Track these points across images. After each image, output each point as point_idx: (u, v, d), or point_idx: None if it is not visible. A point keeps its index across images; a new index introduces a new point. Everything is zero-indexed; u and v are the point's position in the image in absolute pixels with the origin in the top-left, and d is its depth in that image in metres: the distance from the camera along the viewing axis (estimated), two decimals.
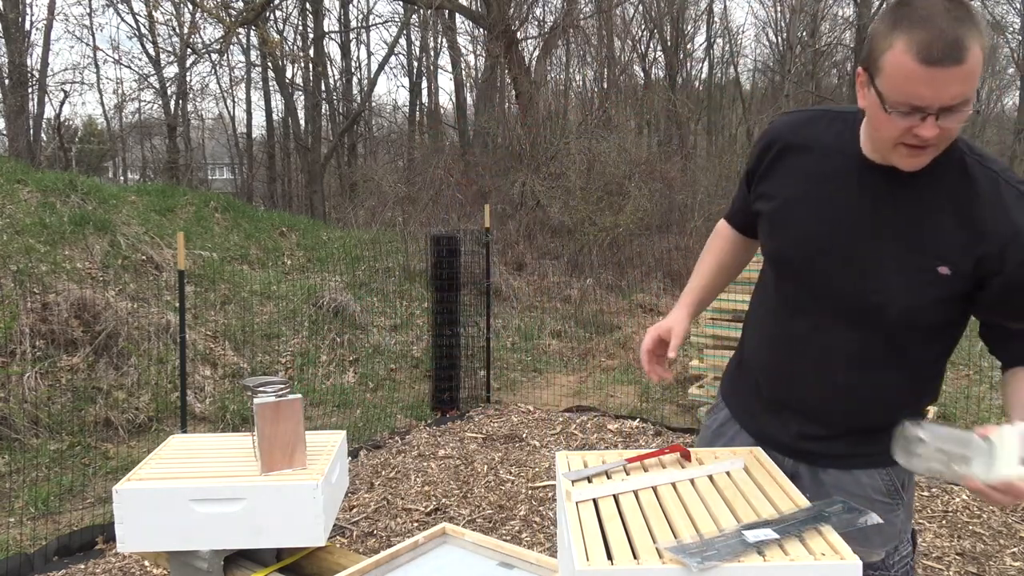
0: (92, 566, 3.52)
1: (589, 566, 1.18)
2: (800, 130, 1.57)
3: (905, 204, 1.43)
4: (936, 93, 1.27)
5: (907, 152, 1.36)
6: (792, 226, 1.55)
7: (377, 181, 12.84)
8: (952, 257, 1.40)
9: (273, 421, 1.92)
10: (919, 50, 1.25)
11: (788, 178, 1.57)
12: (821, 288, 1.52)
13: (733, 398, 1.78)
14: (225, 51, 16.07)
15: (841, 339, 1.52)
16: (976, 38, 1.26)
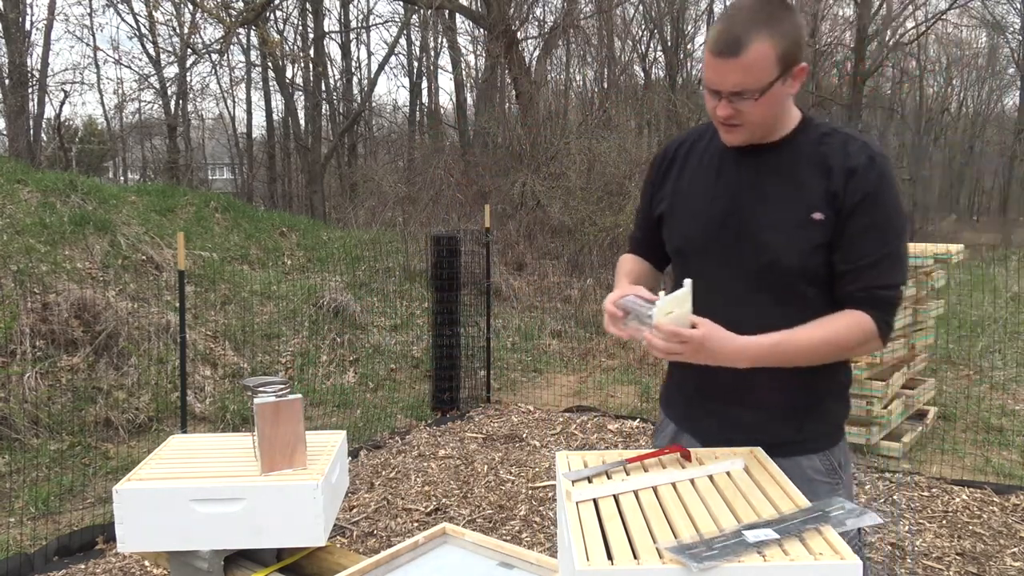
0: (92, 566, 3.52)
1: (589, 566, 1.18)
2: (685, 138, 1.82)
3: (776, 171, 1.64)
4: (720, 79, 1.54)
5: (723, 129, 1.63)
6: (686, 211, 1.74)
7: (377, 181, 12.83)
8: (819, 204, 1.59)
9: (273, 421, 1.92)
10: (710, 42, 1.53)
11: (678, 177, 1.78)
12: (722, 260, 1.67)
13: (671, 410, 1.90)
14: (225, 51, 16.07)
15: (748, 305, 1.64)
16: (764, 37, 1.50)
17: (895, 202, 1.61)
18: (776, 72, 1.52)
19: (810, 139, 1.64)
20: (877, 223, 1.58)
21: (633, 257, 1.91)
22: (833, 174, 1.59)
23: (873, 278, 1.58)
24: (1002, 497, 4.21)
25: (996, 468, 4.75)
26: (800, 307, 1.61)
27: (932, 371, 6.59)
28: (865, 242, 1.58)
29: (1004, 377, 6.61)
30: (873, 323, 1.58)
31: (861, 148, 1.60)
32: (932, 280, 5.45)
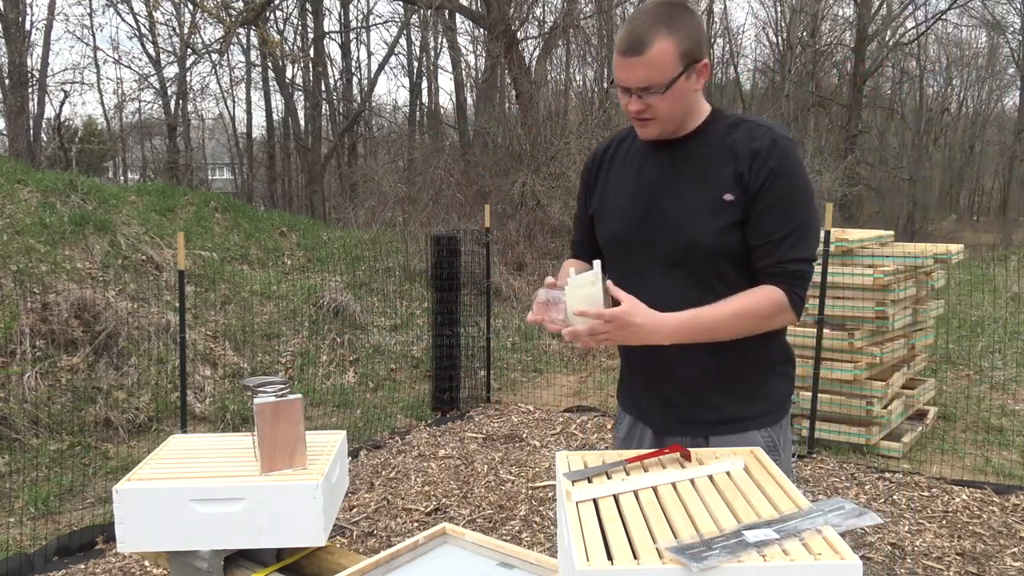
0: (92, 566, 3.52)
1: (589, 566, 1.18)
2: (611, 143, 1.93)
3: (689, 160, 1.75)
4: (628, 76, 1.66)
5: (637, 124, 1.75)
6: (613, 206, 1.86)
7: (377, 181, 12.81)
8: (730, 186, 1.69)
9: (273, 421, 1.92)
10: (618, 44, 1.66)
11: (606, 179, 1.90)
12: (646, 250, 1.78)
13: (627, 400, 1.98)
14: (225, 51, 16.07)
15: (673, 290, 1.73)
16: (665, 36, 1.62)
17: (800, 180, 1.70)
18: (679, 68, 1.64)
19: (719, 129, 1.75)
20: (783, 200, 1.68)
21: (574, 261, 1.98)
22: (739, 158, 1.70)
23: (782, 253, 1.68)
24: (1002, 497, 4.21)
25: (996, 468, 4.75)
26: (722, 287, 1.72)
27: (932, 371, 6.59)
28: (772, 219, 1.68)
29: (1004, 377, 6.61)
30: (784, 295, 1.68)
31: (765, 132, 1.71)
32: (932, 280, 5.45)
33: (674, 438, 1.79)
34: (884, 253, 5.21)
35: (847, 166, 17.52)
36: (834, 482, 4.49)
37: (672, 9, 1.66)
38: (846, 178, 16.79)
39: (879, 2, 22.21)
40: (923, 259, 5.26)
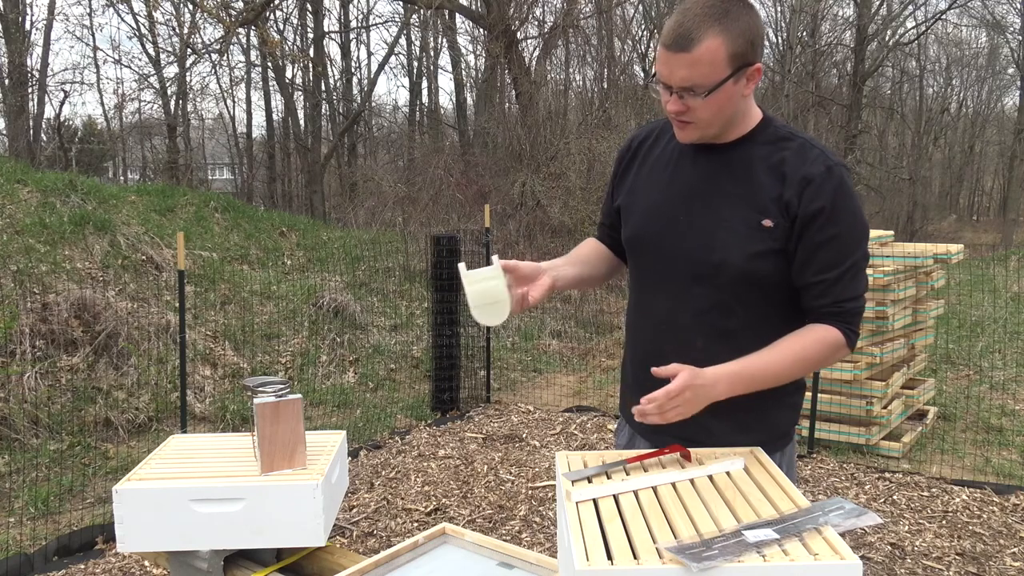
0: (92, 566, 3.52)
1: (589, 566, 1.18)
2: (649, 133, 1.82)
3: (730, 171, 1.63)
4: (669, 73, 1.52)
5: (676, 125, 1.62)
6: (641, 205, 1.75)
7: (377, 181, 12.82)
8: (771, 210, 1.58)
9: (273, 421, 1.92)
10: (663, 35, 1.52)
11: (637, 172, 1.79)
12: (670, 255, 1.68)
13: (625, 410, 1.90)
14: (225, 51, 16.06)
15: (697, 306, 1.66)
16: (716, 34, 1.48)
17: (855, 212, 1.59)
18: (727, 71, 1.50)
19: (768, 141, 1.63)
20: (839, 235, 1.57)
21: (594, 241, 1.94)
22: (788, 181, 1.57)
23: (839, 292, 1.58)
24: (1002, 497, 4.21)
25: (996, 468, 4.75)
26: (741, 311, 1.64)
27: (932, 371, 6.59)
28: (827, 255, 1.57)
29: (1004, 377, 6.61)
30: (841, 335, 1.59)
31: (819, 157, 1.58)
32: (932, 280, 5.45)
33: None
34: (884, 253, 5.21)
35: (847, 166, 17.52)
36: (834, 482, 4.49)
37: (730, 4, 1.50)
38: None
39: (879, 2, 22.21)
40: (923, 259, 5.26)
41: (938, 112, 26.79)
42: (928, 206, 26.34)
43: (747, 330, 1.64)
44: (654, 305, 1.74)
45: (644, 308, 1.77)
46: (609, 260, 1.92)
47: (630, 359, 1.85)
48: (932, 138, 26.48)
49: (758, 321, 1.64)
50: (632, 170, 1.80)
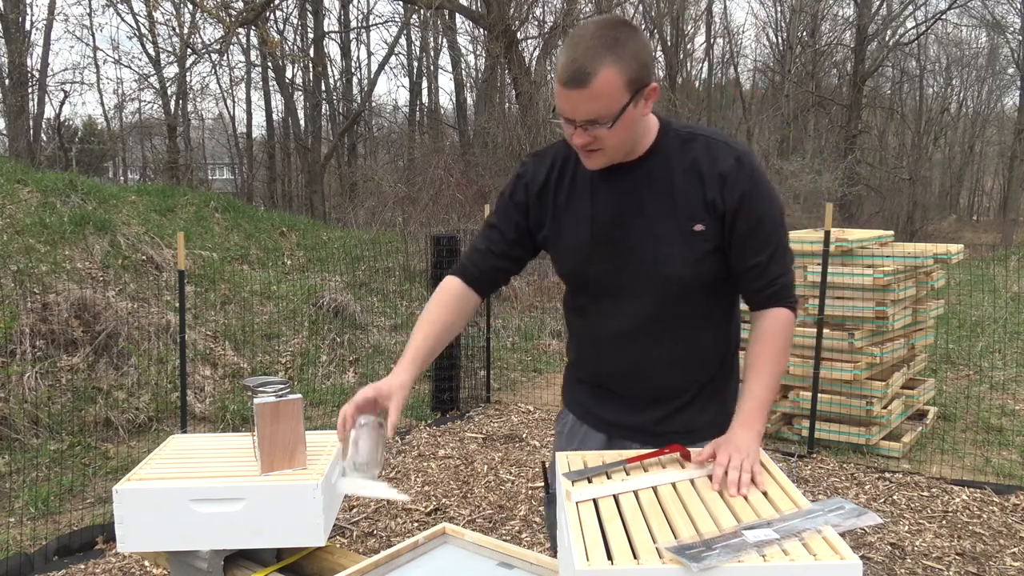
0: (92, 566, 3.52)
1: (589, 566, 1.18)
2: (552, 160, 1.77)
3: (648, 186, 1.67)
4: (572, 109, 1.53)
5: (584, 156, 1.63)
6: (571, 240, 1.74)
7: (377, 181, 12.82)
8: (699, 213, 1.63)
9: (273, 421, 1.92)
10: (559, 72, 1.52)
11: (555, 201, 1.76)
12: (618, 282, 1.72)
13: (578, 406, 1.96)
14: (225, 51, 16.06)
15: (650, 319, 1.72)
16: (611, 64, 1.48)
17: (771, 192, 1.67)
18: (626, 97, 1.52)
19: (674, 146, 1.67)
20: (763, 217, 1.64)
21: (452, 295, 1.82)
22: (706, 181, 1.63)
23: (773, 271, 1.66)
24: (1002, 497, 4.21)
25: (996, 468, 4.75)
26: (694, 312, 1.72)
27: (932, 371, 6.59)
28: (758, 238, 1.64)
29: (1004, 377, 6.61)
30: (786, 311, 1.67)
31: (725, 150, 1.64)
32: (932, 280, 5.45)
33: (625, 443, 1.81)
34: (884, 253, 5.21)
35: (847, 166, 17.53)
36: (834, 482, 4.49)
37: (616, 32, 1.52)
38: (846, 178, 16.81)
39: (879, 2, 22.21)
40: (923, 259, 5.27)
41: (938, 112, 26.80)
42: (928, 206, 26.34)
43: (698, 327, 1.75)
44: (606, 326, 1.78)
45: (596, 327, 1.81)
46: (467, 310, 1.84)
47: (594, 367, 1.87)
48: (932, 138, 26.49)
49: (706, 317, 1.75)
50: (548, 201, 1.77)
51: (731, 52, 24.05)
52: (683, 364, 1.77)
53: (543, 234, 1.79)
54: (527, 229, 1.80)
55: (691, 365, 1.78)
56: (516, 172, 1.82)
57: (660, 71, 19.63)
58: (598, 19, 1.59)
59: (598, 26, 1.52)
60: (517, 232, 1.80)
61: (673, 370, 1.77)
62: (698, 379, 1.79)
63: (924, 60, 25.76)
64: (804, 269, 5.15)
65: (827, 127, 21.54)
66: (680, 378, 1.78)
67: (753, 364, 1.64)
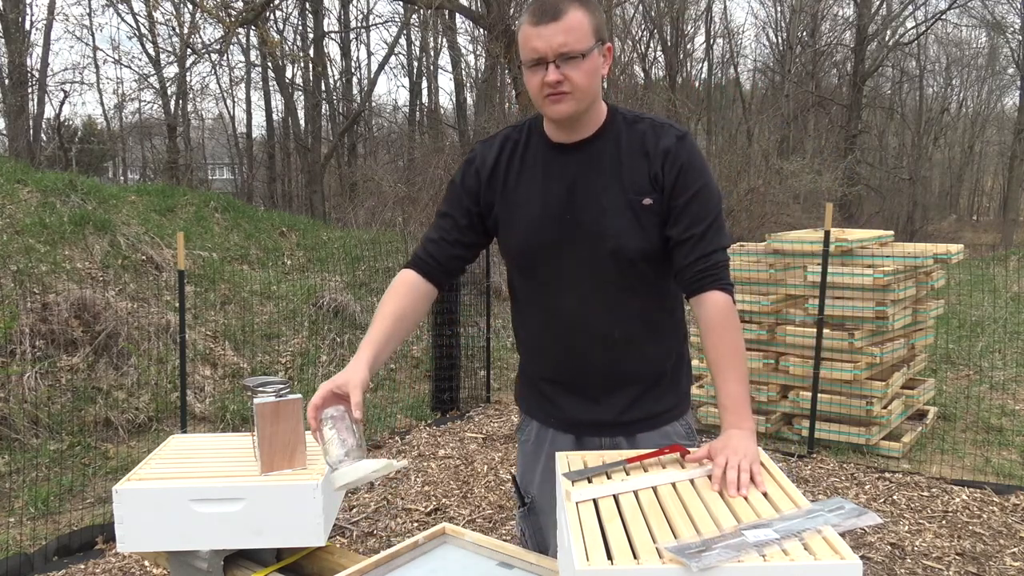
0: (92, 566, 3.52)
1: (589, 566, 1.18)
2: (502, 145, 1.83)
3: (599, 162, 1.73)
4: (545, 43, 1.61)
5: (551, 100, 1.66)
6: (525, 218, 1.78)
7: (377, 181, 12.82)
8: (647, 188, 1.70)
9: (273, 421, 1.92)
10: (529, 16, 1.63)
11: (504, 185, 1.80)
12: (568, 256, 1.75)
13: (538, 411, 1.95)
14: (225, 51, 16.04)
15: (604, 298, 1.76)
16: (579, 6, 1.62)
17: (709, 175, 1.73)
18: (593, 40, 1.64)
19: (623, 126, 1.75)
20: (698, 195, 1.69)
21: (406, 284, 1.82)
22: (651, 157, 1.71)
23: (706, 245, 1.68)
24: (1002, 497, 4.21)
25: (996, 468, 4.75)
26: (643, 288, 1.77)
27: (932, 371, 6.59)
28: (694, 209, 1.69)
29: (1004, 377, 6.61)
30: (722, 294, 1.68)
31: (669, 130, 1.73)
32: (932, 280, 5.45)
33: (594, 439, 1.86)
34: (884, 253, 5.21)
35: (847, 166, 17.52)
36: (834, 482, 4.49)
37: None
38: (846, 178, 16.80)
39: (879, 2, 22.22)
40: (923, 259, 5.27)
41: (938, 112, 26.80)
42: (928, 206, 26.36)
43: (650, 306, 1.80)
44: (561, 308, 1.80)
45: (550, 314, 1.82)
46: (421, 301, 1.84)
47: (547, 365, 1.89)
48: (932, 138, 26.49)
49: (657, 295, 1.80)
50: (497, 186, 1.81)
51: (731, 52, 24.06)
52: (637, 344, 1.80)
53: (493, 215, 1.83)
54: (478, 214, 1.83)
55: (645, 345, 1.81)
56: (466, 158, 1.86)
57: (660, 71, 19.64)
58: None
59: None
60: (468, 218, 1.83)
61: (628, 351, 1.80)
62: (652, 363, 1.84)
63: (924, 60, 25.77)
64: (804, 269, 5.15)
65: (827, 127, 21.54)
66: (635, 361, 1.82)
67: (717, 362, 1.64)
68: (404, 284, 1.82)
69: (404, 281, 1.82)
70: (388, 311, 1.76)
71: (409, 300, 1.80)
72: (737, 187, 13.61)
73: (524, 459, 1.99)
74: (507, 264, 1.90)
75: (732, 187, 13.57)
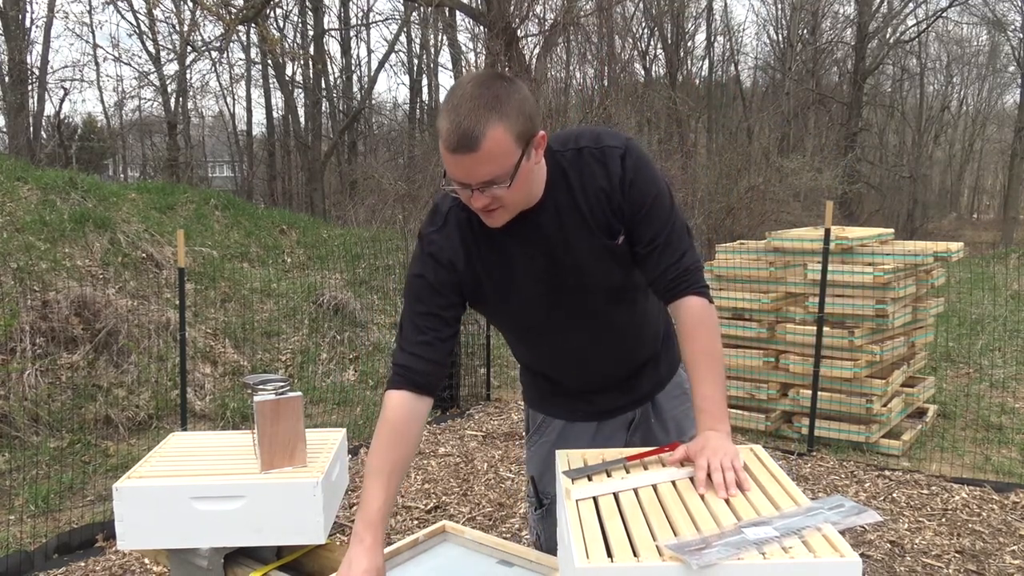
0: (92, 564, 3.52)
1: (589, 564, 1.18)
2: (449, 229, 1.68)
3: (564, 219, 1.64)
4: (465, 174, 1.47)
5: (484, 216, 1.58)
6: (517, 293, 1.72)
7: (377, 179, 12.82)
8: (614, 227, 1.65)
9: (273, 419, 1.92)
10: (444, 139, 1.45)
11: (480, 262, 1.69)
12: (564, 313, 1.74)
13: (561, 410, 1.97)
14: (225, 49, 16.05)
15: (608, 326, 1.79)
16: (496, 123, 1.43)
17: (655, 177, 1.66)
18: (518, 153, 1.48)
19: (568, 171, 1.64)
20: (655, 199, 1.64)
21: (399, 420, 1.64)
22: (609, 192, 1.62)
23: (672, 251, 1.65)
24: (1002, 495, 4.21)
25: (996, 466, 4.75)
26: (635, 298, 1.80)
27: (932, 369, 6.59)
28: (654, 221, 1.64)
29: (1004, 375, 6.61)
30: (701, 298, 1.65)
31: (610, 152, 1.63)
32: (932, 278, 5.45)
33: (620, 415, 1.94)
34: (884, 251, 5.21)
35: (847, 164, 17.52)
36: (834, 480, 4.49)
37: (495, 88, 1.46)
38: (846, 176, 16.81)
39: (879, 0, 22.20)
40: (923, 257, 5.26)
41: (939, 110, 26.79)
42: (928, 204, 26.36)
43: (643, 306, 1.83)
44: (566, 346, 1.83)
45: (556, 349, 1.85)
46: (419, 431, 1.69)
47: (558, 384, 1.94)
48: (932, 136, 26.49)
49: (645, 307, 1.84)
50: (472, 266, 1.69)
51: (731, 50, 24.04)
52: (641, 339, 1.90)
53: (482, 298, 1.74)
54: (460, 304, 1.72)
55: (646, 336, 1.90)
56: (424, 252, 1.69)
57: (660, 68, 19.62)
58: (473, 77, 1.50)
59: (475, 85, 1.46)
60: (452, 309, 1.70)
61: (636, 349, 1.90)
62: (655, 341, 1.94)
63: (925, 58, 25.76)
64: (804, 267, 5.14)
65: (827, 125, 21.53)
66: (644, 350, 1.92)
67: (693, 365, 1.62)
68: (401, 423, 1.64)
69: (399, 420, 1.64)
70: (384, 468, 1.61)
71: (407, 443, 1.64)
72: (737, 185, 13.62)
73: (542, 460, 1.99)
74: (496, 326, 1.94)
75: (732, 185, 13.57)
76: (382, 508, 1.56)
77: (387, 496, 1.57)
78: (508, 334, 1.92)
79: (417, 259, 1.70)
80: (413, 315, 1.68)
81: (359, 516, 1.55)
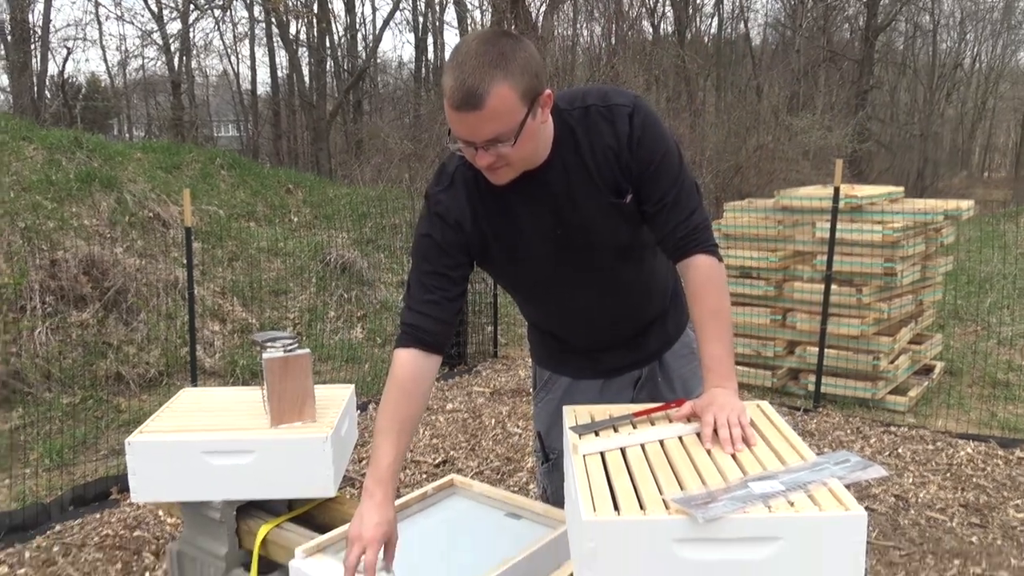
0: (108, 515, 3.58)
1: (596, 517, 1.19)
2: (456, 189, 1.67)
3: (571, 176, 1.63)
4: (470, 132, 1.46)
5: (488, 174, 1.56)
6: (527, 251, 1.70)
7: (383, 138, 12.74)
8: (622, 185, 1.63)
9: (282, 375, 1.94)
10: (448, 96, 1.43)
11: (489, 222, 1.68)
12: (573, 271, 1.73)
13: (568, 366, 1.97)
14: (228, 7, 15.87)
15: (616, 285, 1.78)
16: (500, 80, 1.41)
17: (664, 134, 1.64)
18: (524, 110, 1.46)
19: (576, 129, 1.62)
20: (663, 160, 1.62)
21: (408, 379, 1.63)
22: (618, 150, 1.61)
23: (682, 209, 1.63)
24: (1007, 450, 4.23)
25: (1001, 422, 4.77)
26: (643, 255, 1.78)
27: (939, 327, 6.59)
28: (663, 179, 1.62)
29: (1012, 333, 6.61)
30: (710, 255, 1.64)
31: (618, 110, 1.61)
32: (941, 236, 5.42)
33: (627, 373, 1.94)
34: (894, 209, 5.18)
35: (858, 122, 17.32)
36: (840, 436, 4.52)
37: (500, 46, 1.44)
38: (856, 134, 16.63)
39: None
40: (933, 215, 5.23)
41: (951, 67, 26.40)
42: (939, 163, 26.11)
43: (651, 263, 1.82)
44: (573, 304, 1.82)
45: (563, 308, 1.84)
46: (428, 388, 1.69)
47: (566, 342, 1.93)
48: (944, 94, 26.15)
49: (653, 265, 1.83)
50: (479, 225, 1.68)
51: (741, 7, 23.64)
52: (649, 295, 1.88)
53: (490, 258, 1.74)
54: (468, 263, 1.71)
55: (654, 292, 1.89)
56: (431, 211, 1.68)
57: (669, 26, 19.33)
58: (479, 35, 1.48)
59: (480, 42, 1.44)
60: (460, 269, 1.69)
61: (644, 306, 1.89)
62: (664, 298, 1.93)
63: (938, 14, 25.30)
64: (813, 226, 5.12)
65: (838, 83, 21.24)
66: (653, 307, 1.91)
67: (700, 324, 1.62)
68: (410, 380, 1.63)
69: (407, 378, 1.63)
70: (394, 426, 1.60)
71: (416, 400, 1.64)
72: (746, 143, 13.49)
73: (549, 415, 1.99)
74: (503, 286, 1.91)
75: (741, 143, 13.44)
76: (392, 464, 1.57)
77: (397, 453, 1.58)
78: (516, 293, 1.91)
79: (424, 219, 1.69)
80: (420, 274, 1.68)
81: (370, 472, 1.57)
